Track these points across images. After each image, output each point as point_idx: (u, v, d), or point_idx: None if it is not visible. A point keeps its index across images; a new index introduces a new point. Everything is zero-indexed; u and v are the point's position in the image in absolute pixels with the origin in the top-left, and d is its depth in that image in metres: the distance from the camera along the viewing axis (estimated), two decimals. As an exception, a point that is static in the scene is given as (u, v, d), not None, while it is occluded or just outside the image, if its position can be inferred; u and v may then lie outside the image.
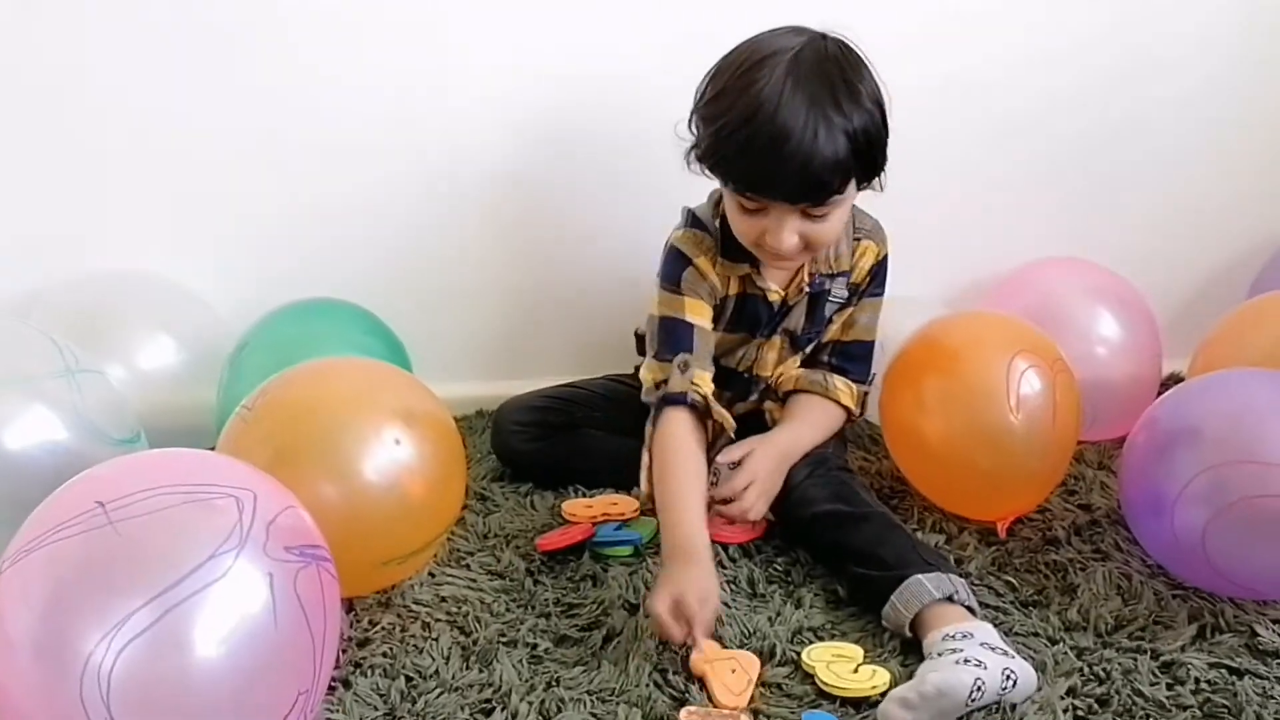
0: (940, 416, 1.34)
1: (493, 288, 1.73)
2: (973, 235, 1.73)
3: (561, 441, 1.49)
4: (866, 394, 1.43)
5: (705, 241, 1.34)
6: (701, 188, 1.35)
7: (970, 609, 1.14)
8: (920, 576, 1.14)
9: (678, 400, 1.28)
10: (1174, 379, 1.63)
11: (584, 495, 1.45)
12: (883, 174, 1.27)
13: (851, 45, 1.24)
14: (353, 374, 1.24)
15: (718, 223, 1.34)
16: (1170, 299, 1.71)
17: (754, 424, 1.41)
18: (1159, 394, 1.43)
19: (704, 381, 1.30)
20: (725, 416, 1.31)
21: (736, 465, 1.31)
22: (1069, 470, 1.44)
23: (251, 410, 1.17)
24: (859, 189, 1.27)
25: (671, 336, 1.32)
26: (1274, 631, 1.15)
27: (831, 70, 1.19)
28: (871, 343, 1.43)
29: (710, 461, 1.30)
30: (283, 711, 0.90)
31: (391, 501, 1.15)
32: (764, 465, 1.31)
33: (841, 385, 1.40)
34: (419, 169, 1.65)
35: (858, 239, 1.38)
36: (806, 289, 1.36)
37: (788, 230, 1.23)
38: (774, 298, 1.36)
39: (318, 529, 0.99)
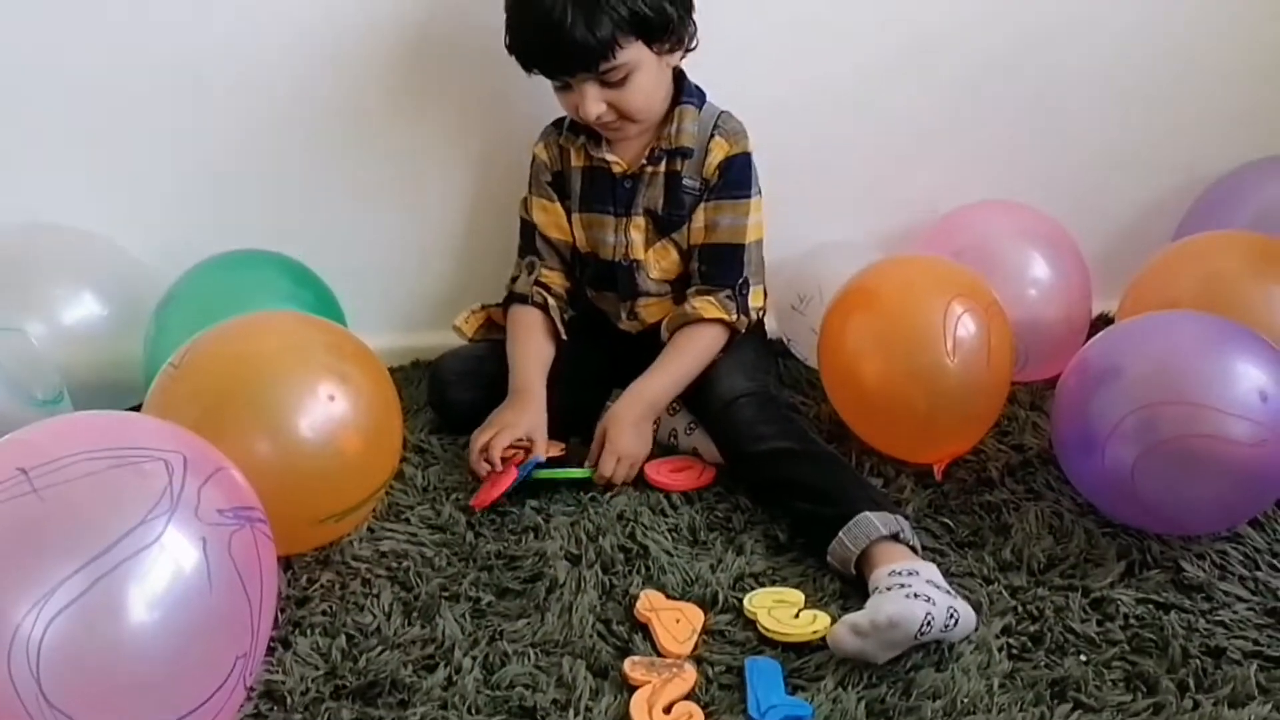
0: (878, 360, 1.35)
1: (427, 236, 1.69)
2: (904, 180, 1.72)
3: (501, 390, 1.47)
4: (735, 298, 1.43)
5: (548, 129, 1.51)
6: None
7: (914, 549, 1.16)
8: (868, 513, 1.16)
9: (523, 299, 1.49)
10: (1104, 319, 1.65)
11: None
12: (688, 38, 1.39)
13: None
14: (282, 328, 1.21)
15: None
16: (1098, 240, 1.71)
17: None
18: (1089, 334, 1.45)
19: (552, 279, 1.51)
20: (559, 322, 1.48)
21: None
22: (1002, 411, 1.46)
23: (178, 367, 1.13)
24: (657, 51, 1.36)
25: (524, 238, 1.53)
26: (1198, 566, 1.19)
27: None
28: (738, 245, 1.44)
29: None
30: (220, 677, 0.88)
31: (327, 458, 1.13)
32: (618, 437, 1.36)
33: (701, 303, 1.43)
34: (350, 115, 1.60)
35: (713, 134, 1.43)
36: (645, 160, 1.43)
37: (590, 99, 1.35)
38: (617, 169, 1.45)
39: (251, 489, 0.97)
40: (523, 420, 1.37)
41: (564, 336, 1.49)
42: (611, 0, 1.29)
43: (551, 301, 1.49)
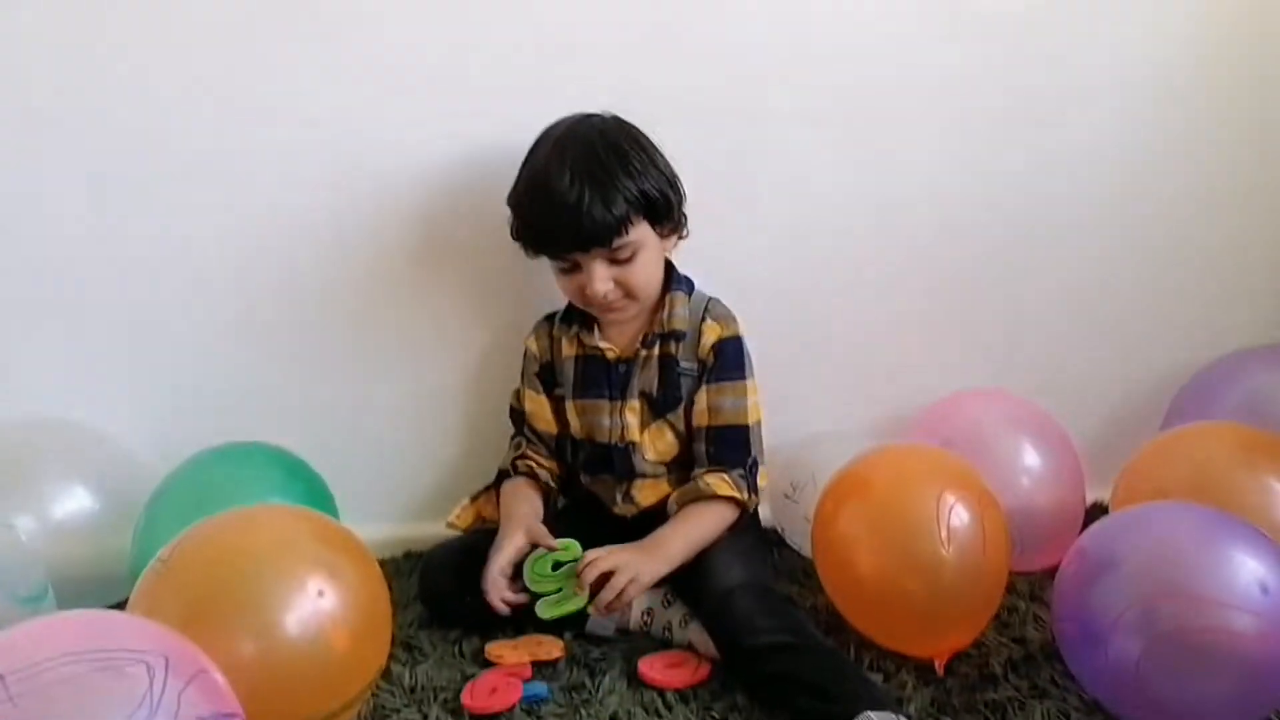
0: (873, 551, 1.34)
1: (421, 427, 1.71)
2: (893, 370, 1.75)
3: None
4: (746, 478, 1.46)
5: (540, 323, 1.58)
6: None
7: None
8: (870, 714, 1.13)
9: (508, 473, 1.54)
10: (1098, 507, 1.65)
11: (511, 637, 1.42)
12: (683, 225, 1.49)
13: (623, 120, 1.45)
14: (272, 522, 1.20)
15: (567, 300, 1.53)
16: (1087, 429, 1.73)
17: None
18: (1085, 521, 1.45)
19: (535, 455, 1.55)
20: (550, 471, 1.55)
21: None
22: (1002, 602, 1.44)
23: (166, 563, 1.12)
24: (659, 234, 1.45)
25: (514, 423, 1.59)
26: (1213, 767, 1.15)
27: (594, 136, 1.41)
28: (743, 426, 1.48)
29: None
30: None
31: (314, 655, 1.10)
32: (621, 555, 1.36)
33: (714, 480, 1.45)
34: (347, 308, 1.64)
35: (705, 319, 1.49)
36: (640, 344, 1.48)
37: (599, 278, 1.41)
38: (611, 355, 1.50)
39: (232, 692, 0.94)
40: (513, 539, 1.40)
41: (553, 485, 1.55)
42: (623, 180, 1.38)
43: (537, 469, 1.54)
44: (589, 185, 1.37)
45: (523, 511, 1.47)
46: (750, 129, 1.62)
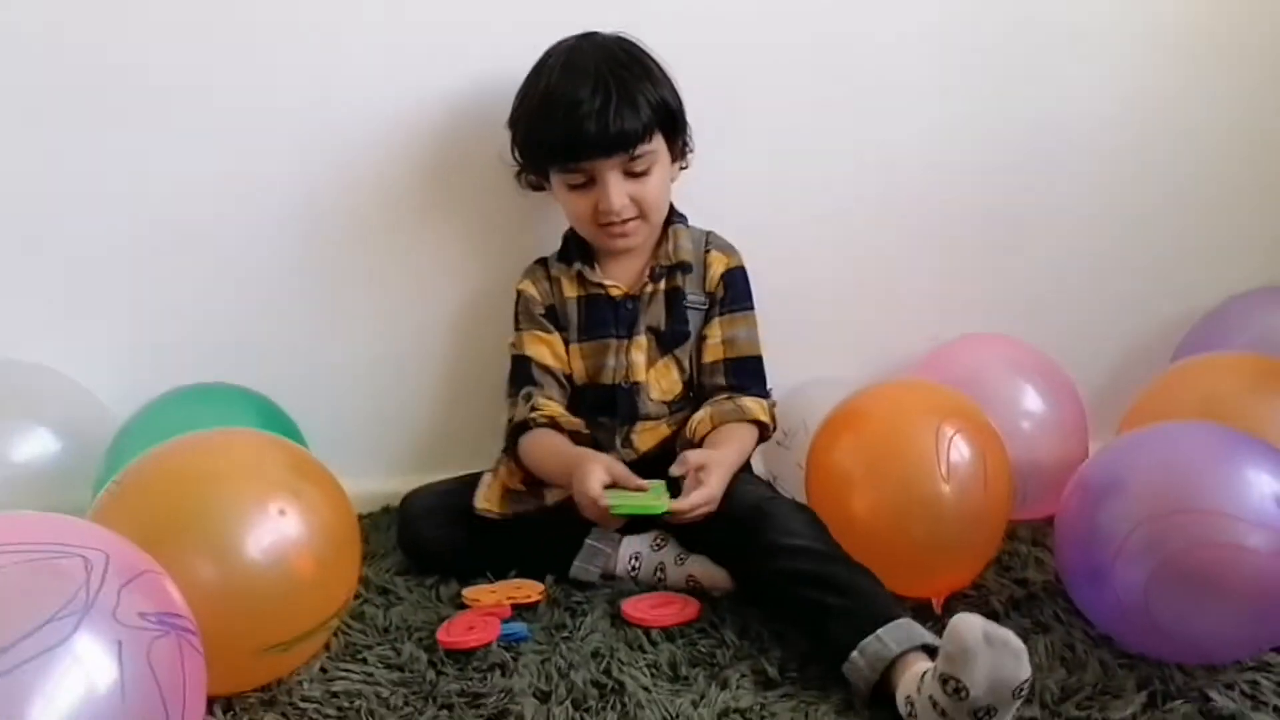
0: (869, 488, 1.28)
1: (400, 378, 1.65)
2: (891, 315, 1.70)
3: (472, 527, 1.41)
4: (774, 405, 1.45)
5: (533, 267, 1.50)
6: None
7: None
8: (911, 620, 1.09)
9: (524, 428, 1.40)
10: (1102, 455, 1.59)
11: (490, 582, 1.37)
12: (688, 150, 1.46)
13: (628, 38, 1.42)
14: (232, 444, 1.15)
15: (563, 238, 1.48)
16: (1092, 376, 1.68)
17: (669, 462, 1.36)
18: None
19: (548, 405, 1.41)
20: (575, 424, 1.41)
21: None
22: (1002, 547, 1.38)
23: (120, 484, 1.07)
24: (671, 155, 1.42)
25: (518, 374, 1.46)
26: (1227, 696, 1.08)
27: (609, 45, 1.39)
28: (758, 356, 1.47)
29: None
30: (129, 805, 0.78)
31: (276, 578, 1.05)
32: (717, 480, 1.29)
33: (751, 403, 1.41)
34: (320, 252, 1.59)
35: (709, 250, 1.47)
36: (647, 279, 1.44)
37: (615, 190, 1.36)
38: (615, 293, 1.45)
39: (184, 600, 0.89)
40: (594, 471, 1.27)
41: (582, 432, 1.41)
42: (646, 85, 1.36)
43: (559, 419, 1.41)
44: (615, 88, 1.33)
45: (591, 451, 1.35)
46: (747, 68, 1.58)
